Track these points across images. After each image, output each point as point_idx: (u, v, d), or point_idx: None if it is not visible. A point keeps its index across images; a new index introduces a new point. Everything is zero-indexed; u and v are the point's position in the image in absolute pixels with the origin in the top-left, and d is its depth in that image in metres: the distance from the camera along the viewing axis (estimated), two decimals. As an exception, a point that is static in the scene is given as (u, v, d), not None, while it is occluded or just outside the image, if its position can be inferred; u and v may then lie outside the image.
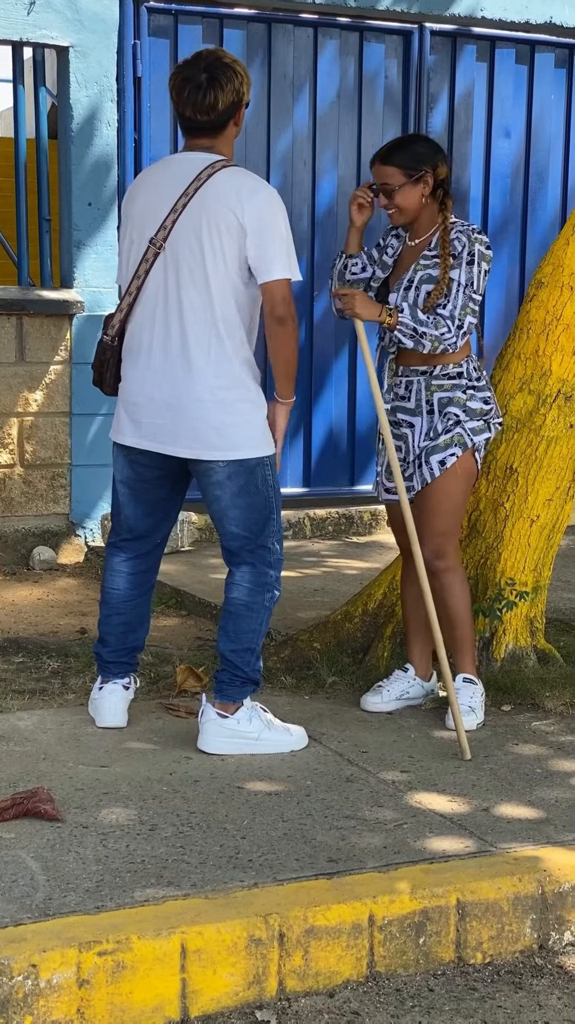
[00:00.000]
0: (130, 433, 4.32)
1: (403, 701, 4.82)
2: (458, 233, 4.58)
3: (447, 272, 4.53)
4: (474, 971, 3.39)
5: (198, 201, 4.16)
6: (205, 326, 4.18)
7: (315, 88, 7.66)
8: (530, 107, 8.21)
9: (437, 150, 4.68)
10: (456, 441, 4.60)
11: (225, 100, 4.20)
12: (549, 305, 5.03)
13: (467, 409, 4.61)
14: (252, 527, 4.29)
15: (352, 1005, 3.20)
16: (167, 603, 6.31)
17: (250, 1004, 3.18)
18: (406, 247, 4.72)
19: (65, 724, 4.54)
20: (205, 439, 4.20)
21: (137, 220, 4.28)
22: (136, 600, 4.55)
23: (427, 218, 4.64)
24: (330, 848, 3.60)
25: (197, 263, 4.16)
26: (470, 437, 4.61)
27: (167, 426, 4.23)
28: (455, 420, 4.61)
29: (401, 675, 4.85)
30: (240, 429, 4.22)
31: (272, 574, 4.35)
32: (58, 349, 7.11)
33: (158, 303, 4.23)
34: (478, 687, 4.69)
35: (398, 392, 4.69)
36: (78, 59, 7.03)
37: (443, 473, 4.60)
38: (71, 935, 3.07)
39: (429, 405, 4.63)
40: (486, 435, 4.66)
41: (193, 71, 4.21)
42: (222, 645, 4.37)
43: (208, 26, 7.33)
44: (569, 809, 3.94)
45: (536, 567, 5.13)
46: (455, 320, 4.50)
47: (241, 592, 4.34)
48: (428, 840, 3.68)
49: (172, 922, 3.16)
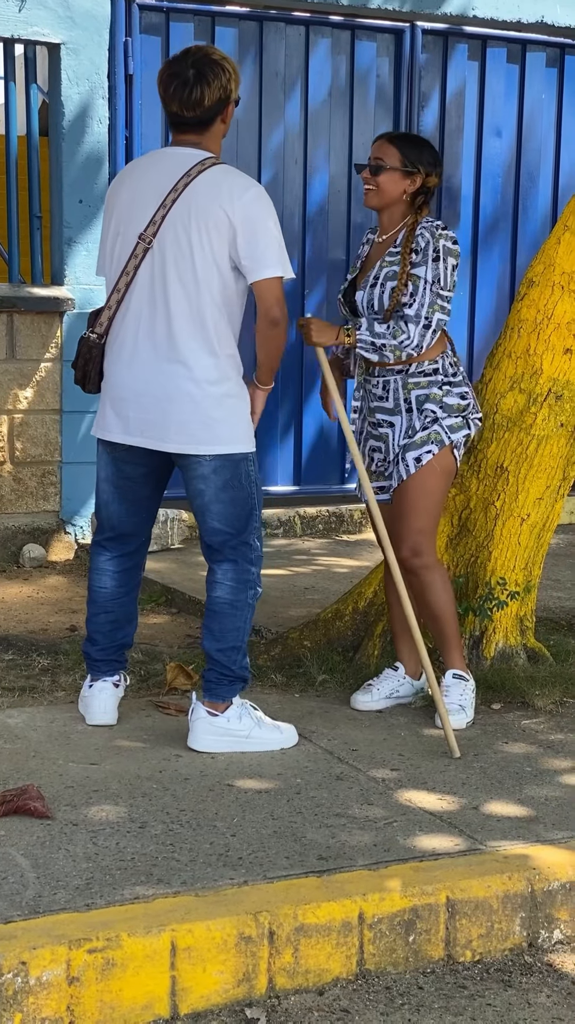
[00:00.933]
0: (116, 429, 4.31)
1: (393, 700, 4.82)
2: (422, 229, 4.59)
3: (407, 268, 4.54)
4: (463, 969, 3.39)
5: (187, 198, 4.15)
6: (192, 321, 4.18)
7: (307, 86, 7.66)
8: (521, 106, 8.21)
9: (438, 162, 4.71)
10: (433, 439, 4.61)
11: (212, 97, 4.19)
12: (540, 304, 5.03)
13: (444, 405, 4.62)
14: (234, 523, 4.28)
15: (342, 1003, 3.20)
16: (157, 601, 6.31)
17: (240, 1002, 3.18)
18: (374, 245, 4.75)
19: (55, 722, 4.54)
20: (192, 433, 4.20)
21: (124, 214, 4.27)
22: (123, 598, 4.55)
23: (398, 215, 4.66)
24: (320, 846, 3.61)
25: (185, 259, 4.16)
26: (447, 435, 4.62)
27: (154, 420, 4.22)
28: (433, 417, 4.62)
29: (391, 674, 4.85)
30: (227, 424, 4.22)
31: (254, 571, 4.34)
32: (48, 346, 7.10)
33: (145, 299, 4.22)
34: (469, 683, 4.69)
35: (375, 392, 4.69)
36: (69, 56, 7.02)
37: (419, 470, 4.61)
38: (61, 932, 3.07)
39: (407, 404, 4.64)
40: (464, 432, 4.66)
41: (180, 67, 4.21)
42: (208, 644, 4.36)
43: (200, 24, 7.33)
44: (558, 807, 3.95)
45: (526, 566, 5.14)
46: (421, 319, 4.52)
47: (224, 591, 4.34)
48: (418, 838, 3.68)
49: (162, 920, 3.16)
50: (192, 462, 4.25)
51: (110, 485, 4.44)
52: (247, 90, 7.47)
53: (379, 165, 4.60)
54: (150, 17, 7.22)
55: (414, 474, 4.61)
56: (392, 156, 4.60)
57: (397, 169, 4.59)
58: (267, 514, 7.66)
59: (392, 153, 4.61)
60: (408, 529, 4.64)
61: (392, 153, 4.61)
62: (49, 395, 7.14)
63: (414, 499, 4.63)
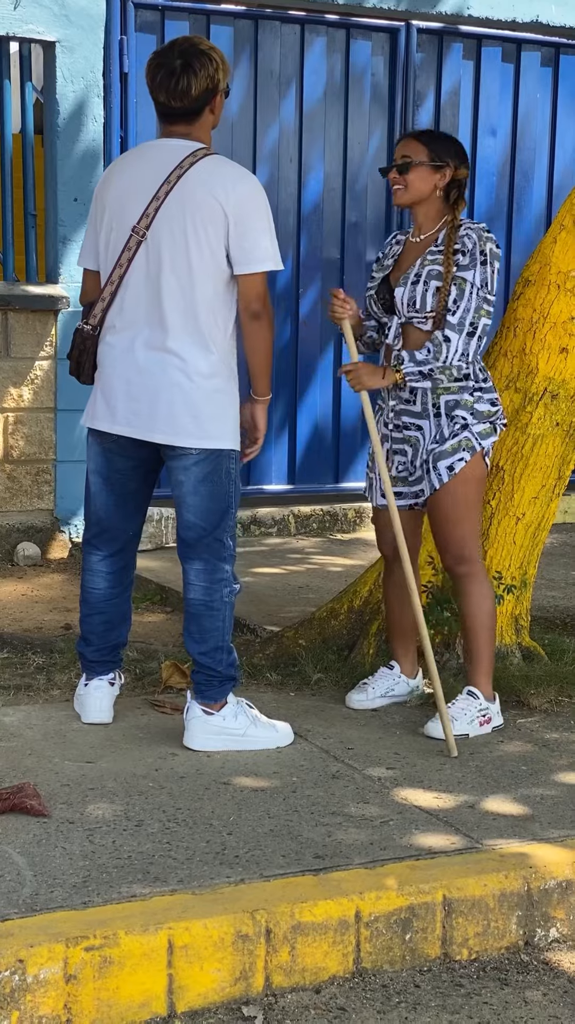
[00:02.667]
0: (104, 418, 4.31)
1: (388, 698, 4.82)
2: (467, 230, 4.51)
3: (451, 268, 4.47)
4: (460, 967, 3.40)
5: (181, 189, 4.15)
6: (186, 314, 4.17)
7: (302, 85, 7.66)
8: (516, 105, 8.22)
9: (465, 155, 4.64)
10: (464, 446, 4.53)
11: (199, 86, 4.18)
12: (536, 303, 5.04)
13: (475, 412, 4.55)
14: (209, 517, 4.28)
15: (339, 1001, 3.21)
16: (152, 599, 6.31)
17: (237, 1000, 3.18)
18: (409, 244, 4.66)
19: (51, 720, 4.54)
20: (181, 425, 4.19)
21: (116, 207, 4.25)
22: (117, 598, 4.54)
23: (434, 214, 4.58)
24: (316, 844, 3.61)
25: (180, 251, 4.16)
26: (478, 441, 4.55)
27: (143, 411, 4.22)
28: (463, 424, 4.54)
29: (386, 672, 4.85)
30: (216, 419, 4.22)
31: (227, 569, 4.33)
32: (43, 344, 7.09)
33: (139, 291, 4.22)
34: (478, 702, 4.57)
35: (403, 396, 4.61)
36: (65, 54, 7.02)
37: (452, 479, 4.53)
38: (58, 930, 3.07)
39: (435, 408, 4.55)
40: (492, 438, 4.60)
41: (167, 57, 4.21)
42: (191, 648, 4.36)
43: (195, 22, 7.32)
44: (554, 806, 3.95)
45: (522, 565, 5.14)
46: (465, 327, 4.44)
47: (198, 592, 4.33)
48: (414, 837, 3.69)
49: (159, 918, 3.16)
50: (178, 454, 4.24)
51: (99, 477, 4.43)
52: (242, 89, 7.47)
53: (407, 162, 4.53)
54: (145, 15, 7.21)
55: (447, 483, 4.53)
56: (419, 151, 4.53)
57: (425, 164, 4.52)
58: (261, 513, 7.66)
59: (418, 148, 4.54)
60: (449, 539, 4.58)
61: (418, 148, 4.54)
62: (44, 393, 7.14)
63: (450, 509, 4.56)
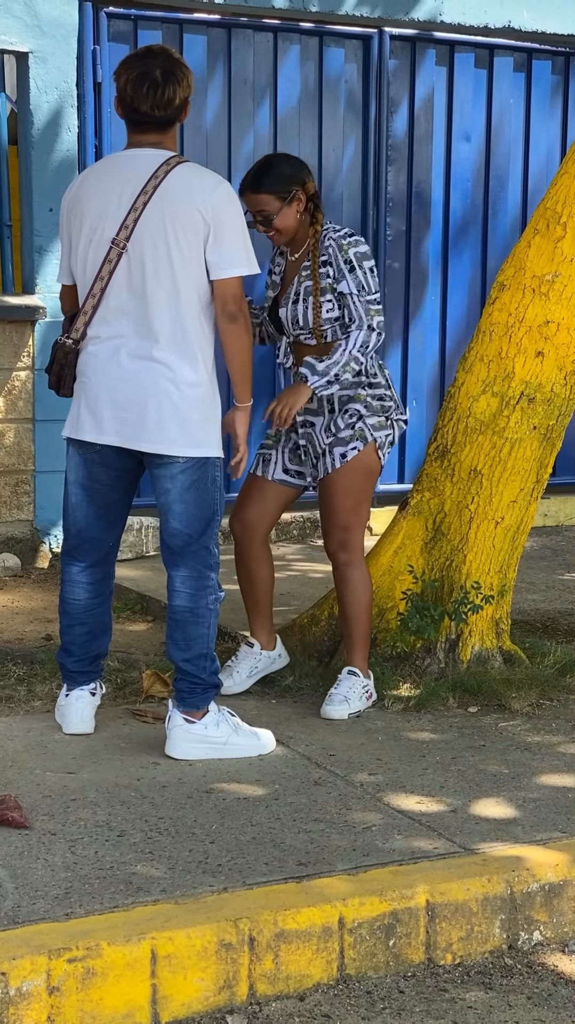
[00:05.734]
0: (90, 428, 4.31)
1: (254, 677, 4.99)
2: (329, 241, 4.71)
3: (318, 281, 4.68)
4: (444, 972, 3.40)
5: (159, 199, 4.16)
6: (172, 324, 4.19)
7: (276, 93, 7.66)
8: (490, 111, 8.23)
9: (301, 166, 4.79)
10: (358, 435, 4.76)
11: (180, 96, 4.25)
12: (511, 307, 5.05)
13: (368, 404, 4.77)
14: (195, 525, 4.28)
15: (323, 1008, 3.20)
16: (133, 609, 6.30)
17: (221, 1009, 3.18)
18: (288, 263, 4.87)
19: (32, 731, 4.53)
20: (168, 434, 4.20)
21: (94, 220, 4.25)
22: (97, 608, 4.54)
23: (302, 233, 4.77)
24: (299, 851, 3.60)
25: (163, 262, 4.17)
26: (371, 432, 4.76)
27: (130, 419, 4.22)
28: (357, 416, 4.77)
29: (247, 651, 5.02)
30: (202, 427, 4.23)
31: (212, 576, 4.34)
32: (21, 355, 7.08)
33: (124, 303, 4.23)
34: (359, 680, 4.81)
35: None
36: (38, 65, 7.01)
37: (343, 466, 4.76)
38: (40, 942, 3.06)
39: (330, 404, 4.79)
40: (387, 432, 4.81)
41: (148, 66, 4.22)
42: (175, 655, 4.35)
43: (168, 31, 7.32)
44: (537, 809, 3.96)
45: (501, 569, 5.15)
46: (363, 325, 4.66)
47: (183, 599, 4.33)
48: (397, 842, 3.69)
49: (142, 928, 3.16)
50: (164, 462, 4.25)
51: (80, 488, 4.43)
52: (216, 97, 7.48)
53: (267, 217, 4.69)
54: (118, 25, 7.21)
55: (339, 469, 4.77)
56: (267, 201, 4.67)
57: (280, 207, 4.65)
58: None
59: (264, 199, 4.68)
60: (335, 525, 4.81)
61: (264, 199, 4.68)
62: (22, 404, 7.13)
63: (340, 496, 4.79)
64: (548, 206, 5.07)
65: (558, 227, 5.01)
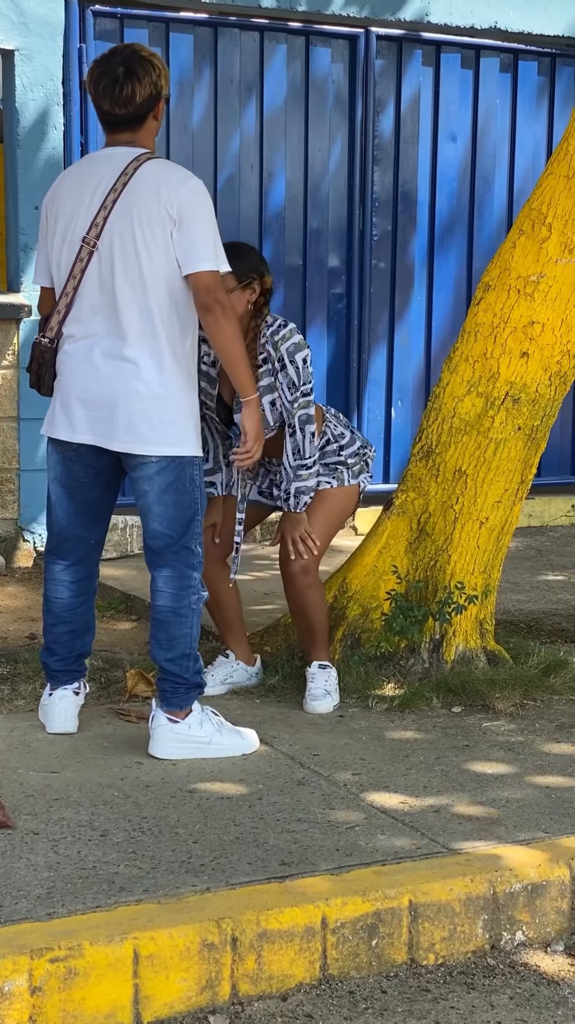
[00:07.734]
0: (64, 427, 4.30)
1: (227, 685, 5.00)
2: (264, 342, 4.69)
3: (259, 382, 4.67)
4: (427, 972, 3.40)
5: (127, 196, 4.16)
6: (141, 321, 4.17)
7: (262, 92, 7.67)
8: (476, 111, 8.25)
9: (263, 261, 4.80)
10: (336, 476, 4.92)
11: (143, 93, 4.21)
12: (496, 308, 5.06)
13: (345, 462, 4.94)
14: (176, 526, 4.27)
15: (305, 1008, 3.20)
16: (117, 608, 6.29)
17: (203, 1009, 3.17)
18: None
19: (15, 730, 4.52)
20: (140, 433, 4.18)
21: (66, 219, 4.26)
22: (81, 607, 4.53)
23: (246, 323, 4.68)
24: (282, 851, 3.60)
25: (131, 258, 4.16)
26: (351, 479, 4.95)
27: (103, 419, 4.21)
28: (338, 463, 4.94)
29: (223, 660, 5.05)
30: (174, 426, 4.21)
31: (195, 576, 4.33)
32: (5, 354, 7.07)
33: (95, 301, 4.22)
34: (332, 671, 4.89)
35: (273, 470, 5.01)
36: (24, 62, 7.00)
37: (317, 493, 4.84)
38: (22, 942, 3.06)
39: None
40: (366, 474, 4.99)
41: (109, 65, 4.22)
42: (158, 655, 4.34)
43: (154, 30, 7.32)
44: (520, 809, 3.96)
45: (486, 569, 5.16)
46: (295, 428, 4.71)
47: (166, 599, 4.32)
48: (380, 842, 3.69)
49: (124, 928, 3.15)
50: (139, 462, 4.24)
51: (60, 486, 4.42)
52: (203, 96, 7.47)
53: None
54: (104, 23, 7.20)
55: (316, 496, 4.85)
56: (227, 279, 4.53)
57: (235, 287, 4.60)
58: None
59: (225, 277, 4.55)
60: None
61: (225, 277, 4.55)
62: (6, 402, 7.11)
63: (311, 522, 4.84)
64: (533, 207, 5.07)
65: (543, 228, 5.02)
